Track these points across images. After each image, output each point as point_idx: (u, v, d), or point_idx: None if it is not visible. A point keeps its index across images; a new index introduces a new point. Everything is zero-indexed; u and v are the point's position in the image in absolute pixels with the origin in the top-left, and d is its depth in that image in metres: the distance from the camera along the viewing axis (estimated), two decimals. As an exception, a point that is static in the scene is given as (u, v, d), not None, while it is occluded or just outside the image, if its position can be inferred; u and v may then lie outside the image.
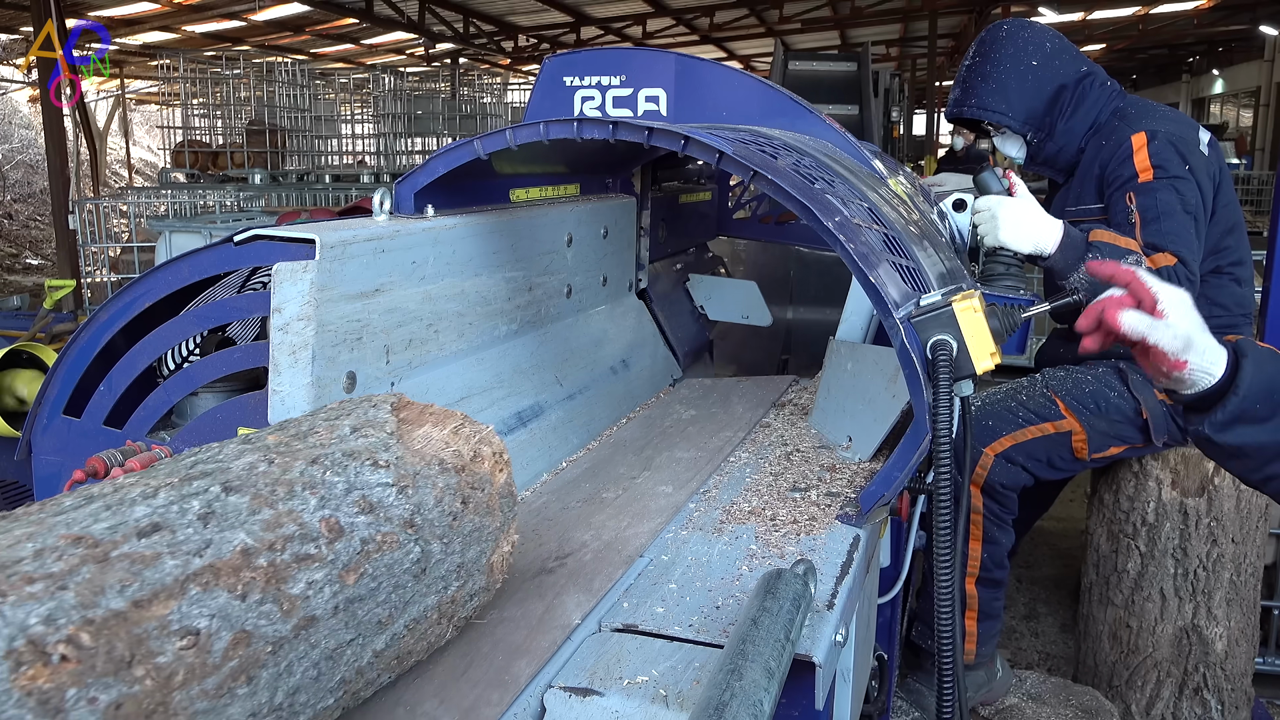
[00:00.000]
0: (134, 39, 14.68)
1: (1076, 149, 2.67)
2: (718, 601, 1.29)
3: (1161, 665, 2.75)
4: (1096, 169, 2.59)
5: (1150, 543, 2.72)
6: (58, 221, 9.59)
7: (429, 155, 1.73)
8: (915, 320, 1.43)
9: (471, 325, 1.78)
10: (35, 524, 0.75)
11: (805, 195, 1.48)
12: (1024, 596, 3.79)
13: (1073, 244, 2.29)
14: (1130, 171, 2.47)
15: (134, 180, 19.17)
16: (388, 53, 18.83)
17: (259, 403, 1.44)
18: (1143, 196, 2.42)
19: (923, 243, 1.77)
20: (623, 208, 2.47)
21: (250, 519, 0.83)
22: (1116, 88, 2.71)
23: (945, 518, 1.42)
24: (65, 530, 0.74)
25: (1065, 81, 2.64)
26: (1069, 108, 2.64)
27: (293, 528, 0.85)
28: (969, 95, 2.70)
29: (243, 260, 1.49)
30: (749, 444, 1.97)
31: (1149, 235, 2.37)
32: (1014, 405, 2.57)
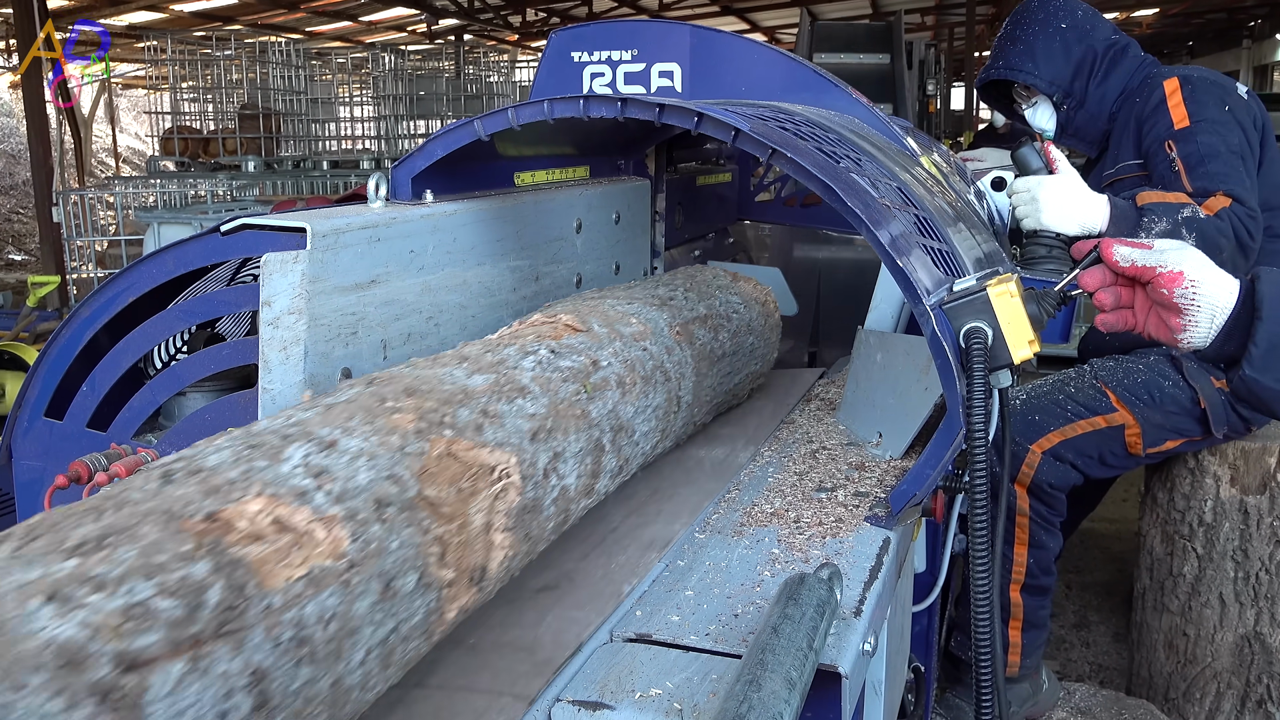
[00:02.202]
0: (119, 19, 14.80)
1: (1108, 116, 2.70)
2: (737, 609, 1.29)
3: (1221, 676, 2.73)
4: (1133, 126, 2.61)
5: (1208, 544, 2.70)
6: (41, 214, 9.68)
7: (427, 138, 1.73)
8: (947, 307, 1.43)
9: (474, 318, 1.79)
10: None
11: (829, 175, 1.47)
12: (1073, 604, 3.77)
13: (1123, 215, 2.27)
14: (1166, 120, 2.48)
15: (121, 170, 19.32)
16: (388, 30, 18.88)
17: (250, 402, 1.46)
18: (1183, 144, 2.42)
19: (957, 225, 1.76)
20: (636, 191, 2.47)
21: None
22: (1151, 59, 2.73)
23: (982, 519, 1.41)
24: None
25: (1095, 45, 2.68)
26: (1099, 73, 2.67)
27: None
28: (997, 59, 2.76)
29: (230, 251, 1.50)
30: (772, 441, 1.97)
31: (1197, 180, 2.36)
32: (1061, 398, 2.56)
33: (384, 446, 0.98)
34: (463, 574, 1.02)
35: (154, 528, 0.76)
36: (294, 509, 0.85)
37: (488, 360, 1.27)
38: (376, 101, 10.61)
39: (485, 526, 1.06)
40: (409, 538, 0.94)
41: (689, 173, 2.87)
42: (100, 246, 6.70)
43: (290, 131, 9.33)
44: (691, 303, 1.88)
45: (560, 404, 1.28)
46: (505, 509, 1.10)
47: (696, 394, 1.77)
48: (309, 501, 0.87)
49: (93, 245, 6.57)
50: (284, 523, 0.83)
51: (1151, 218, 2.24)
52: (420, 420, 1.05)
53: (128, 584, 0.70)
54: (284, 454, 0.91)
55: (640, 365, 1.54)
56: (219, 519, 0.80)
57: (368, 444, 0.97)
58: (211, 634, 0.72)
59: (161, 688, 0.68)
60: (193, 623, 0.71)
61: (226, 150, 8.20)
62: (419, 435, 1.03)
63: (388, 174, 1.71)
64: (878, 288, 2.32)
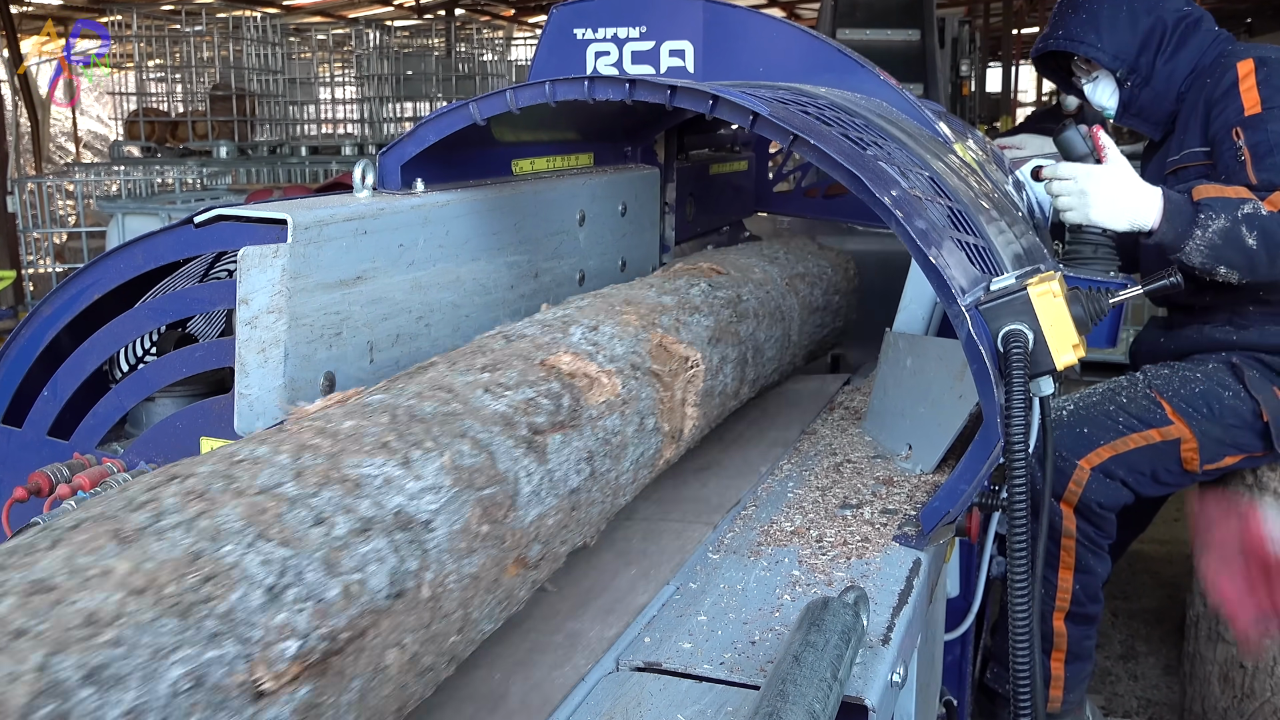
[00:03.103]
0: (81, -8, 14.83)
1: (1175, 96, 2.66)
2: (754, 635, 1.29)
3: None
4: (1201, 109, 2.57)
5: (1268, 568, 2.69)
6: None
7: (418, 122, 1.74)
8: (985, 307, 1.43)
9: (468, 318, 1.80)
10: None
11: (855, 163, 1.48)
12: (1120, 633, 3.77)
13: (1177, 210, 2.25)
14: (1236, 105, 2.45)
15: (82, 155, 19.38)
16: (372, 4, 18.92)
17: (224, 408, 1.46)
18: (1252, 131, 2.40)
19: (995, 217, 1.77)
20: (644, 180, 2.47)
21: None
22: (1225, 34, 2.70)
23: (1021, 539, 1.42)
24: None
25: (1164, 17, 2.64)
26: (1169, 47, 2.63)
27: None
28: (1056, 28, 2.72)
29: (205, 244, 1.51)
30: (793, 454, 1.97)
31: (1263, 172, 2.35)
32: (1112, 409, 2.55)
33: (625, 333, 1.53)
34: (672, 430, 1.58)
35: (520, 361, 1.33)
36: (587, 362, 1.40)
37: (668, 287, 1.82)
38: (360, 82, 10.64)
39: (682, 400, 1.62)
40: (649, 394, 1.50)
41: (701, 160, 2.88)
42: (59, 239, 6.72)
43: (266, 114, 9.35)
44: (792, 263, 2.37)
45: (722, 321, 1.82)
46: (695, 390, 1.65)
47: (800, 336, 2.29)
48: (594, 359, 1.42)
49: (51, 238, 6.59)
50: (585, 369, 1.39)
51: (1208, 214, 2.22)
52: (640, 320, 1.59)
53: (521, 389, 1.25)
54: (570, 331, 1.47)
55: (767, 303, 2.07)
56: (549, 363, 1.35)
57: (615, 330, 1.52)
58: (567, 423, 1.28)
59: (552, 449, 1.23)
60: (559, 414, 1.27)
61: (196, 134, 8.22)
62: (643, 329, 1.58)
63: (374, 161, 1.72)
64: (907, 286, 2.32)
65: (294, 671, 0.80)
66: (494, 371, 1.26)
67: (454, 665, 1.06)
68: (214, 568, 0.79)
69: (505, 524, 1.10)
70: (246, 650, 0.77)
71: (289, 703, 0.80)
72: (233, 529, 0.83)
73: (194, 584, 0.78)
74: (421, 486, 1.01)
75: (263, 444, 0.98)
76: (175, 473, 0.91)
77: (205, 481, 0.89)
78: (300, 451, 0.97)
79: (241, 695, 0.76)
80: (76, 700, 0.66)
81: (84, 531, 0.79)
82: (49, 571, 0.74)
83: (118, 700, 0.68)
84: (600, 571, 1.48)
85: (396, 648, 0.92)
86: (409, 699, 0.98)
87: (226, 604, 0.78)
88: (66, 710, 0.66)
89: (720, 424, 1.97)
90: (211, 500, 0.86)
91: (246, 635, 0.78)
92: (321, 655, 0.83)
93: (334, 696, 0.85)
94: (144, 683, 0.70)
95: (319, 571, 0.86)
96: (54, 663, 0.67)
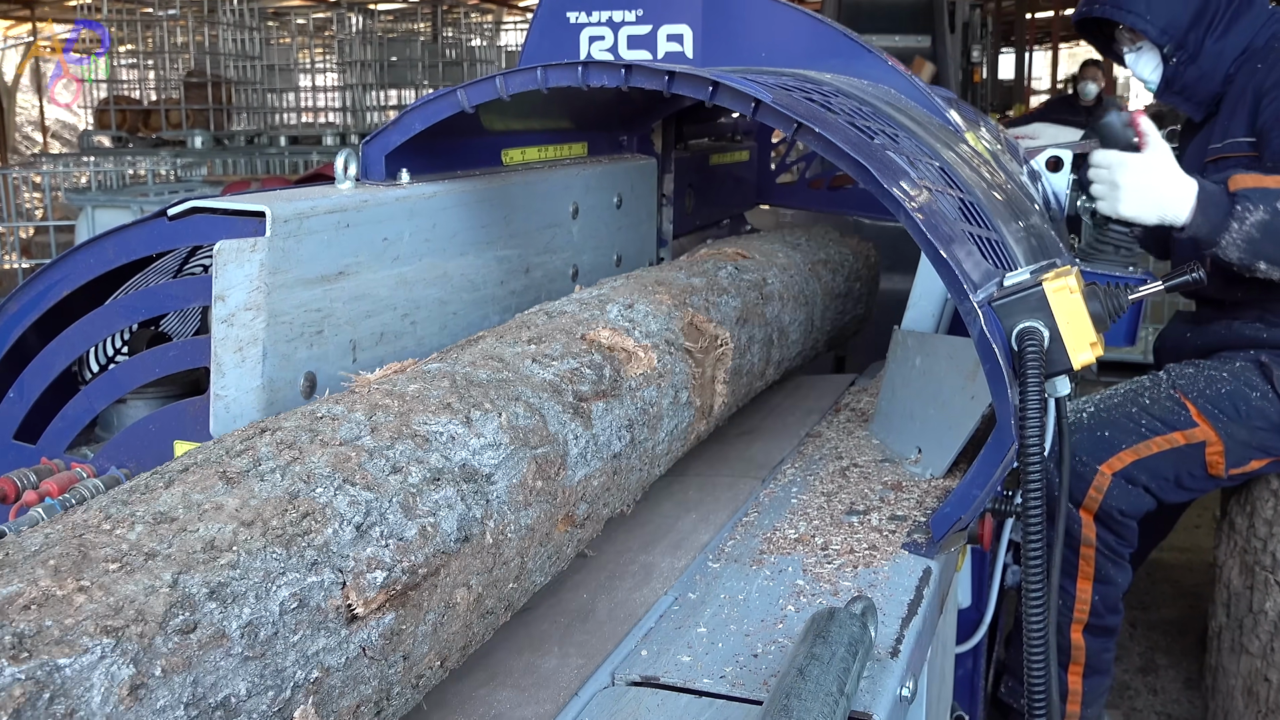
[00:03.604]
0: (48, -26, 14.82)
1: (1223, 77, 2.63)
2: (756, 648, 1.29)
3: (1309, 728, 2.73)
4: (1250, 97, 2.55)
5: (1294, 577, 2.70)
6: (-42, 197, 9.71)
7: (403, 110, 1.74)
8: (998, 304, 1.43)
9: (456, 315, 1.79)
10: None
11: (862, 153, 1.48)
12: (1139, 645, 3.77)
13: (1212, 201, 2.22)
14: None
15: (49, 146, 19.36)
16: (355, -13, 18.91)
17: (200, 411, 1.46)
18: None
19: (1009, 210, 1.77)
20: (640, 171, 2.47)
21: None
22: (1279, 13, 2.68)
23: (1037, 547, 1.42)
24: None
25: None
26: (1220, 25, 2.61)
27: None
28: None
29: (179, 238, 1.51)
30: (796, 457, 1.97)
31: None
32: (1135, 411, 2.55)
33: (659, 311, 1.64)
34: (703, 405, 1.72)
35: (562, 335, 1.46)
36: (624, 337, 1.53)
37: (696, 270, 1.95)
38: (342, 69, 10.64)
39: (712, 377, 1.76)
40: (682, 369, 1.62)
41: (701, 150, 2.88)
42: (25, 233, 6.71)
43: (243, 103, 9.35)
44: (815, 249, 2.48)
45: (749, 303, 1.94)
46: (724, 368, 1.79)
47: (822, 321, 2.40)
48: (631, 334, 1.54)
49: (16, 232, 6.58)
50: (623, 343, 1.52)
51: (1245, 205, 2.20)
52: (672, 300, 1.71)
53: (565, 360, 1.39)
54: (607, 308, 1.60)
55: (791, 287, 2.19)
56: (589, 337, 1.49)
57: (649, 308, 1.64)
58: (609, 392, 1.41)
59: (596, 416, 1.35)
60: (601, 383, 1.40)
61: (170, 123, 8.21)
62: (675, 308, 1.69)
63: (358, 151, 1.72)
64: (916, 282, 2.32)
65: (380, 600, 0.95)
66: (539, 344, 1.40)
67: (510, 612, 1.22)
68: (309, 505, 0.93)
69: (557, 481, 1.25)
70: (341, 578, 0.92)
71: (376, 627, 0.94)
72: (322, 474, 0.98)
73: (294, 519, 0.91)
74: (483, 443, 1.15)
75: (338, 404, 1.13)
76: (264, 426, 1.06)
77: (293, 435, 1.04)
78: (373, 410, 1.12)
79: (338, 617, 0.90)
80: (204, 612, 0.79)
81: (194, 474, 0.94)
82: (169, 505, 0.88)
83: (237, 614, 0.81)
84: (663, 517, 1.71)
85: (464, 587, 1.07)
86: (472, 639, 1.13)
87: (323, 537, 0.92)
88: (196, 620, 0.78)
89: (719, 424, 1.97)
90: (301, 450, 1.01)
91: (340, 565, 0.92)
92: (403, 588, 0.97)
93: (413, 626, 0.99)
94: (257, 601, 0.83)
95: (398, 514, 1.00)
96: (183, 580, 0.80)
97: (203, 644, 0.77)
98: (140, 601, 0.76)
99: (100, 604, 0.74)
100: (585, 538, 1.40)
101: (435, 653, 1.05)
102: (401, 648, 0.98)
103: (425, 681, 1.05)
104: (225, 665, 0.79)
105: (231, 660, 0.79)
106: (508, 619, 1.23)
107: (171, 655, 0.75)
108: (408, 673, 1.00)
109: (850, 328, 2.66)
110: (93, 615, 0.73)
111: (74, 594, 0.74)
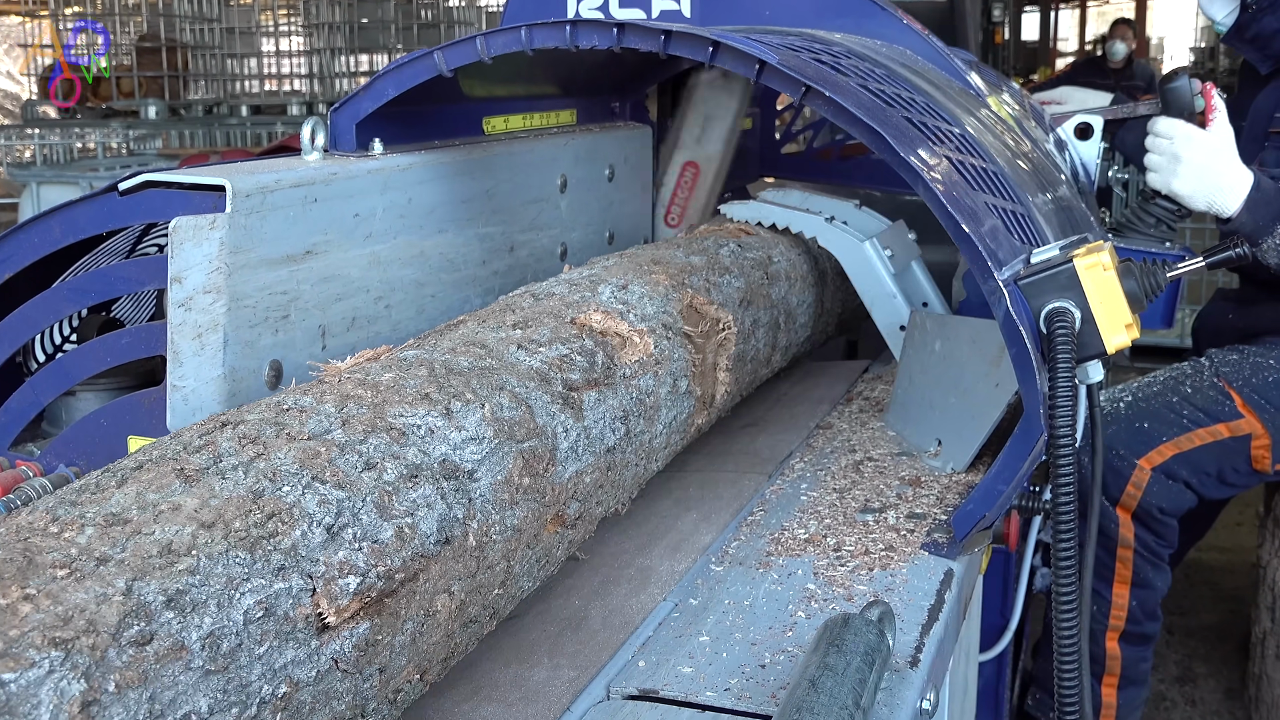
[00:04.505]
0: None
1: None
2: (764, 658, 1.29)
3: (1361, 741, 2.73)
4: None
5: (1344, 578, 2.70)
6: (-109, 173, 9.67)
7: (376, 74, 1.73)
8: (1024, 283, 1.43)
9: (434, 298, 1.79)
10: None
11: (876, 119, 1.47)
12: (1175, 652, 3.78)
13: (1264, 200, 2.21)
14: None
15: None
16: (321, -57, 18.85)
17: (155, 403, 1.45)
18: None
19: (1035, 181, 1.76)
20: (633, 140, 2.47)
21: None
22: None
23: (1068, 546, 1.41)
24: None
25: None
26: None
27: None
28: None
29: (132, 215, 1.50)
30: (805, 451, 1.97)
31: None
32: (1175, 401, 2.55)
33: (655, 293, 1.65)
34: (704, 394, 1.73)
35: (550, 319, 1.45)
36: (618, 320, 1.53)
37: (696, 247, 1.95)
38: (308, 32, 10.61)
39: (714, 364, 1.77)
40: (680, 355, 1.62)
41: (699, 118, 2.86)
42: (-35, 212, 6.69)
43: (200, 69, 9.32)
44: None
45: (753, 283, 1.95)
46: (726, 354, 1.79)
47: (833, 302, 2.42)
48: (625, 318, 1.54)
49: (-45, 211, 6.55)
50: (617, 327, 1.52)
51: None
52: (670, 280, 1.71)
53: (553, 346, 1.38)
54: (598, 289, 1.60)
55: (799, 265, 2.22)
56: (579, 321, 1.49)
57: (645, 290, 1.64)
58: (602, 381, 1.41)
59: (587, 407, 1.36)
60: (593, 371, 1.40)
61: (121, 92, 8.19)
62: (673, 289, 1.70)
63: (326, 119, 1.71)
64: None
65: (354, 608, 0.94)
66: (525, 329, 1.41)
67: (495, 620, 1.22)
68: (275, 505, 0.93)
69: (545, 478, 1.25)
70: (310, 585, 0.91)
71: (349, 638, 0.94)
72: (289, 471, 0.97)
73: (258, 520, 0.91)
74: (464, 437, 1.15)
75: (305, 395, 1.12)
76: (226, 419, 1.05)
77: (257, 428, 1.03)
78: (344, 401, 1.11)
79: (308, 627, 0.90)
80: (161, 622, 0.78)
81: (149, 471, 0.93)
82: (122, 506, 0.88)
83: (197, 624, 0.81)
84: (662, 516, 1.70)
85: (445, 594, 1.07)
86: (455, 650, 1.13)
87: (290, 540, 0.92)
88: (152, 631, 0.78)
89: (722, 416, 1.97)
90: (265, 445, 1.00)
91: (309, 570, 0.92)
92: (378, 594, 0.97)
93: (389, 636, 0.99)
94: (219, 610, 0.83)
95: (373, 514, 1.00)
96: (138, 587, 0.79)
97: (160, 657, 0.77)
98: (91, 611, 0.75)
99: (48, 614, 0.74)
100: (577, 539, 1.39)
101: (414, 665, 1.04)
102: (377, 660, 0.97)
103: (404, 697, 1.05)
104: (185, 680, 0.78)
105: (192, 674, 0.79)
106: (493, 628, 1.22)
107: (126, 669, 0.74)
108: (384, 687, 1.00)
109: (864, 310, 2.64)
110: (39, 626, 0.72)
111: (19, 603, 0.74)
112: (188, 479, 0.93)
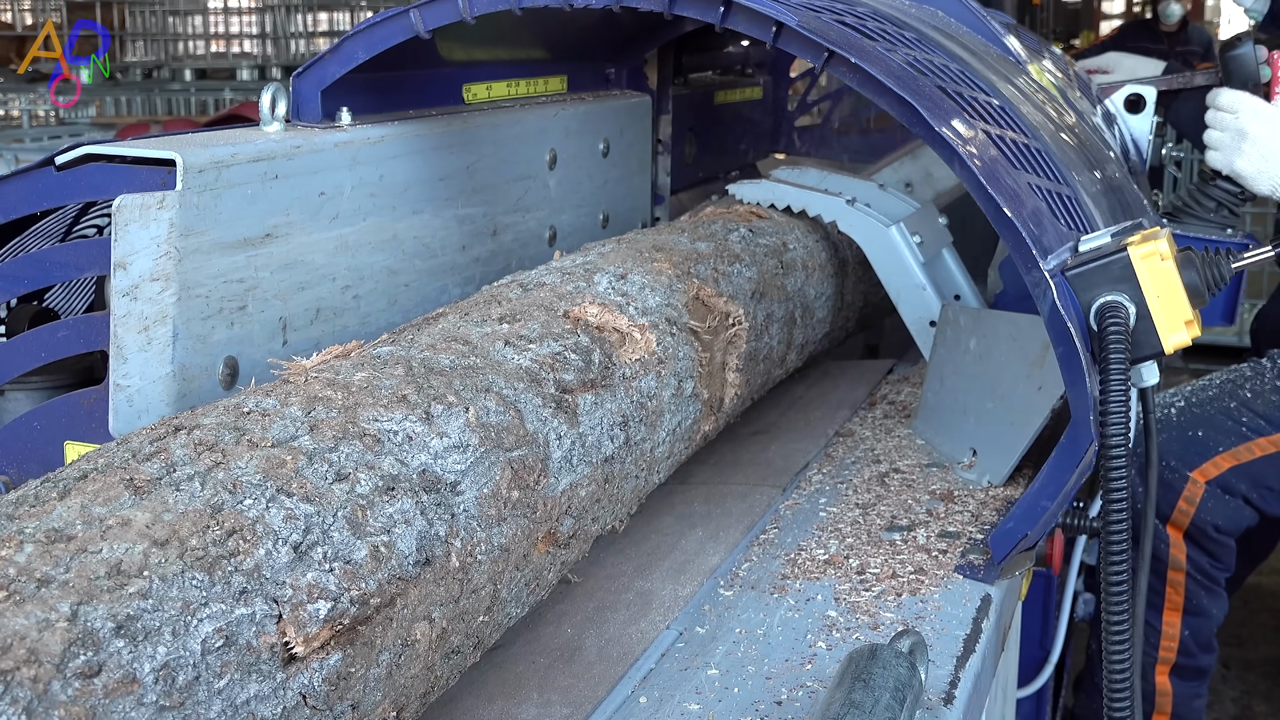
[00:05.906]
0: None
1: None
2: (780, 694, 1.29)
3: None
4: None
5: None
6: None
7: (343, 35, 1.73)
8: (1073, 274, 1.43)
9: (408, 287, 1.79)
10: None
11: (907, 88, 1.47)
12: (1232, 689, 3.79)
13: None
14: None
15: (-100, 81, 19.25)
16: (275, -114, 18.84)
17: (96, 404, 1.45)
18: None
19: (1082, 159, 1.76)
20: (631, 111, 2.47)
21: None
22: None
23: (1120, 571, 1.41)
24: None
25: None
26: None
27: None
28: None
29: (68, 193, 1.49)
30: (824, 461, 1.97)
31: None
32: (1234, 407, 2.56)
33: (658, 283, 1.65)
34: (711, 398, 1.73)
35: (541, 312, 1.46)
36: (617, 314, 1.53)
37: (702, 232, 1.95)
38: (260, -14, 10.58)
39: (722, 364, 1.77)
40: (686, 353, 1.63)
41: (704, 87, 2.87)
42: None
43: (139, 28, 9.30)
44: None
45: (766, 273, 1.95)
46: (736, 352, 1.80)
47: (854, 294, 2.43)
48: (624, 311, 1.55)
49: None
50: (615, 322, 1.52)
51: None
52: (674, 269, 1.72)
53: (544, 342, 1.39)
54: (594, 279, 1.60)
55: (817, 254, 2.21)
56: (573, 314, 1.50)
57: (646, 280, 1.64)
58: (599, 382, 1.42)
59: (582, 411, 1.36)
60: (589, 371, 1.41)
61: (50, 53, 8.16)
62: (677, 279, 1.70)
63: (287, 86, 1.70)
64: None
65: (324, 636, 0.93)
66: (513, 323, 1.41)
67: (480, 651, 1.22)
68: (236, 521, 0.92)
69: (536, 491, 1.25)
70: (275, 610, 0.90)
71: (319, 670, 0.93)
72: (251, 482, 0.96)
73: (217, 537, 0.89)
74: (446, 445, 1.15)
75: (268, 396, 1.11)
76: (179, 423, 1.04)
77: (214, 434, 1.02)
78: (312, 404, 1.10)
79: (273, 658, 0.89)
80: (110, 651, 0.77)
81: (94, 481, 0.92)
82: (65, 521, 0.86)
83: (150, 654, 0.79)
84: (664, 534, 1.71)
85: (425, 621, 1.06)
86: (435, 684, 1.13)
87: (253, 560, 0.90)
88: (100, 661, 0.76)
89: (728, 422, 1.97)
90: (224, 452, 0.99)
91: (275, 594, 0.90)
92: (351, 621, 0.96)
93: (363, 669, 0.98)
94: (174, 638, 0.81)
95: (345, 531, 0.99)
96: (84, 612, 0.78)
97: (109, 690, 0.76)
98: (32, 638, 0.75)
99: (-17, 642, 0.73)
100: (570, 560, 1.39)
101: (390, 701, 1.04)
102: (350, 695, 0.97)
103: (378, 736, 1.05)
104: (137, 716, 0.78)
105: (144, 710, 0.78)
106: (477, 659, 1.22)
107: (72, 704, 0.74)
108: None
109: (888, 303, 2.62)
110: (-26, 656, 0.72)
111: (-49, 630, 0.73)
112: (138, 490, 0.91)
